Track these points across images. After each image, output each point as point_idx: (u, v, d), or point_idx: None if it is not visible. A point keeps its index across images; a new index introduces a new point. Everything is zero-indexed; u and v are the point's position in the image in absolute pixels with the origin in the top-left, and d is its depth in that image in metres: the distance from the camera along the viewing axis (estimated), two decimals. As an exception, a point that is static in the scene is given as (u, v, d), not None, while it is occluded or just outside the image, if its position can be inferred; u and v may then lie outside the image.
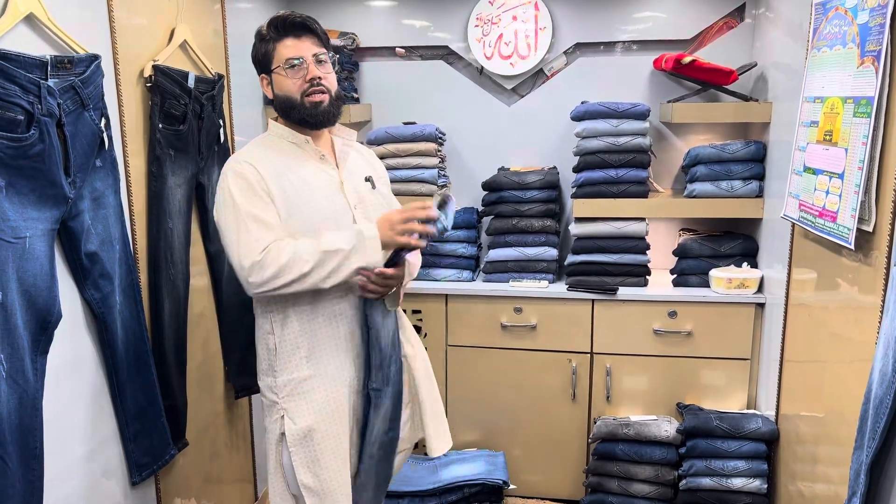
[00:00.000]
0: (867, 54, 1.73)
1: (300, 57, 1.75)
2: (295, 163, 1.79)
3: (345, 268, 1.69)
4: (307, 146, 1.81)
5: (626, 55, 2.97)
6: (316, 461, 1.78)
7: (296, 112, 1.78)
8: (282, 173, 1.76)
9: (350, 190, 1.83)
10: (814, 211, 1.99)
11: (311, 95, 1.76)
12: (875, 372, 1.54)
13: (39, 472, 1.57)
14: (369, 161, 1.97)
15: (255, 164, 1.74)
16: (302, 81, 1.76)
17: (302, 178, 1.77)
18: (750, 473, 2.42)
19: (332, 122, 1.83)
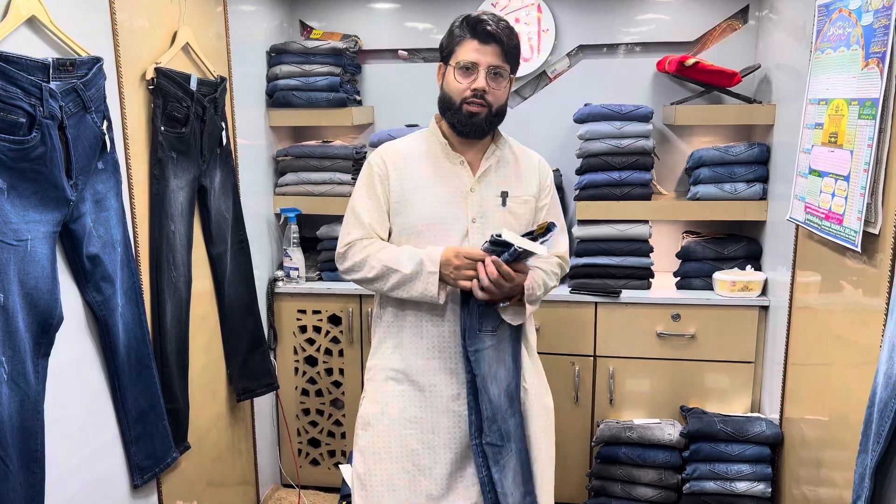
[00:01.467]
0: (872, 56, 1.72)
1: (475, 63, 1.73)
2: (430, 162, 1.82)
3: (404, 290, 1.74)
4: (448, 149, 1.82)
5: (630, 57, 2.96)
6: (370, 451, 1.83)
7: (450, 114, 1.79)
8: (409, 168, 1.81)
9: (475, 202, 1.80)
10: (820, 213, 1.98)
11: (470, 104, 1.74)
12: (880, 375, 1.53)
13: (41, 475, 1.57)
14: (523, 174, 1.87)
15: (388, 155, 1.83)
16: (467, 87, 1.74)
17: (428, 178, 1.80)
18: (754, 477, 2.41)
19: (481, 136, 1.81)
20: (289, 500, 2.96)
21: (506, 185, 1.84)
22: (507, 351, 1.78)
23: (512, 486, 1.77)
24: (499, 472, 1.76)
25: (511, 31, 1.77)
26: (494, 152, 1.85)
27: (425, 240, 1.78)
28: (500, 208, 1.82)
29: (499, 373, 1.76)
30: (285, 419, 2.99)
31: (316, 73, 2.88)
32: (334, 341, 2.92)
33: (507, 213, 1.83)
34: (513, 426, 1.77)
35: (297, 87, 2.89)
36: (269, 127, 2.96)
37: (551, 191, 1.95)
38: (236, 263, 2.53)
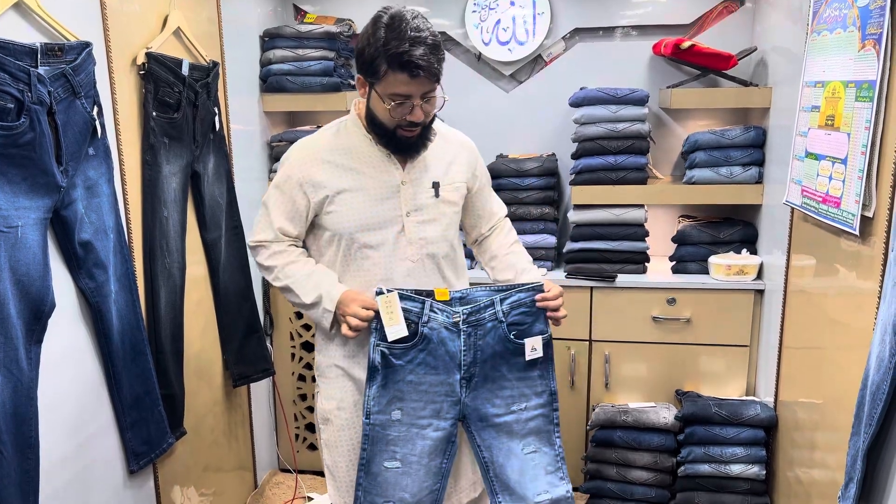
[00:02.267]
0: (868, 37, 1.71)
1: (409, 96, 1.64)
2: (357, 158, 1.76)
3: (303, 311, 1.81)
4: (374, 143, 1.76)
5: (626, 40, 2.94)
6: (333, 445, 1.85)
7: (384, 138, 1.73)
8: (335, 166, 1.74)
9: (408, 196, 1.76)
10: (817, 197, 1.97)
11: (405, 130, 1.70)
12: (872, 358, 1.53)
13: (35, 461, 1.57)
14: (451, 161, 1.84)
15: (310, 154, 1.76)
16: (400, 118, 1.67)
17: (358, 176, 1.74)
18: (748, 460, 2.42)
19: (417, 152, 1.76)
20: (286, 485, 2.97)
21: (437, 175, 1.80)
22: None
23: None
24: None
25: (437, 49, 1.62)
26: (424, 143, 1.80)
27: (359, 240, 1.75)
28: (433, 200, 1.79)
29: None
30: (282, 404, 3.00)
31: (310, 57, 2.86)
32: (330, 327, 2.92)
33: (441, 204, 1.80)
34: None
35: (290, 71, 2.87)
36: (263, 112, 2.94)
37: (483, 172, 1.95)
38: (231, 249, 2.52)
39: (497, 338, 1.76)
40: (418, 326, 1.72)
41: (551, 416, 1.83)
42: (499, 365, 1.77)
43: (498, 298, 1.76)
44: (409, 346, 1.73)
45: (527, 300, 1.77)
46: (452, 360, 1.75)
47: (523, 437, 1.80)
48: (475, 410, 1.78)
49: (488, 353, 1.76)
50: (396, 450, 1.75)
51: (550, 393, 1.82)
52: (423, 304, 1.72)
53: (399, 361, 1.73)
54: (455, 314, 1.74)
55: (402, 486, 1.76)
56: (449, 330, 1.74)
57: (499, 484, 1.80)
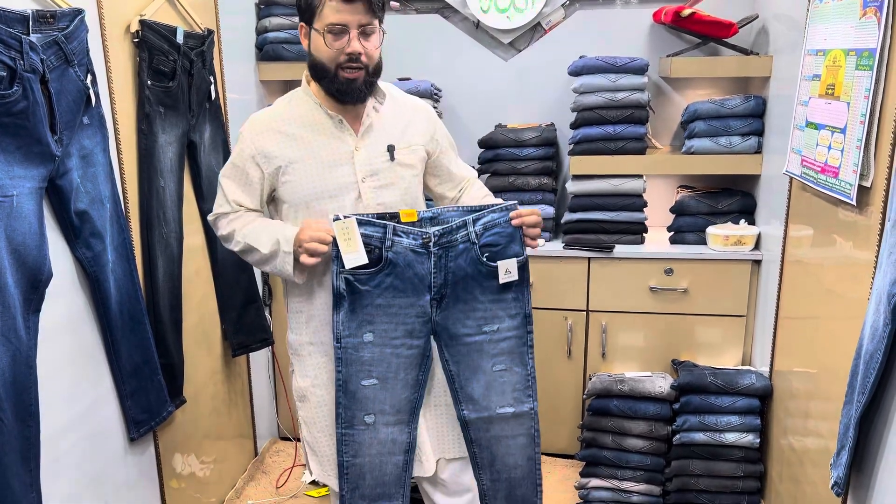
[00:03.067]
0: (869, 5, 1.69)
1: (345, 24, 1.60)
2: (307, 127, 1.73)
3: (266, 267, 1.75)
4: (323, 110, 1.73)
5: (626, 8, 2.91)
6: (312, 422, 1.84)
7: (326, 82, 1.68)
8: (286, 138, 1.72)
9: (362, 161, 1.74)
10: (816, 167, 1.97)
11: (345, 70, 1.64)
12: (866, 327, 1.54)
13: (36, 429, 1.59)
14: (407, 123, 1.82)
15: (261, 127, 1.75)
16: (340, 52, 1.63)
17: (307, 145, 1.72)
18: (743, 428, 2.44)
19: (362, 100, 1.72)
20: (286, 453, 3.01)
21: (392, 138, 1.77)
22: None
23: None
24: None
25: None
26: (374, 106, 1.77)
27: (316, 210, 1.73)
28: (389, 163, 1.76)
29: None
30: (281, 374, 3.02)
31: (306, 25, 2.83)
32: (329, 297, 2.93)
33: (397, 167, 1.78)
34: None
35: (287, 39, 2.83)
36: (259, 81, 2.92)
37: (444, 135, 1.92)
38: (228, 220, 2.51)
39: (469, 260, 1.71)
40: (382, 251, 1.67)
41: (525, 339, 1.80)
42: (471, 287, 1.74)
43: (470, 219, 1.71)
44: (373, 271, 1.68)
45: (500, 220, 1.72)
46: (422, 282, 1.71)
47: (493, 357, 1.78)
48: (445, 329, 1.76)
49: (460, 275, 1.72)
50: (372, 369, 1.73)
51: (525, 315, 1.79)
52: (384, 228, 1.66)
53: (365, 287, 1.69)
54: (425, 236, 1.68)
55: (381, 399, 1.75)
56: (416, 252, 1.69)
57: (462, 395, 1.79)
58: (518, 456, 1.84)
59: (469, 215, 1.71)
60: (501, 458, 1.83)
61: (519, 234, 1.74)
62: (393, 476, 1.79)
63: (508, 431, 1.82)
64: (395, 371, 1.75)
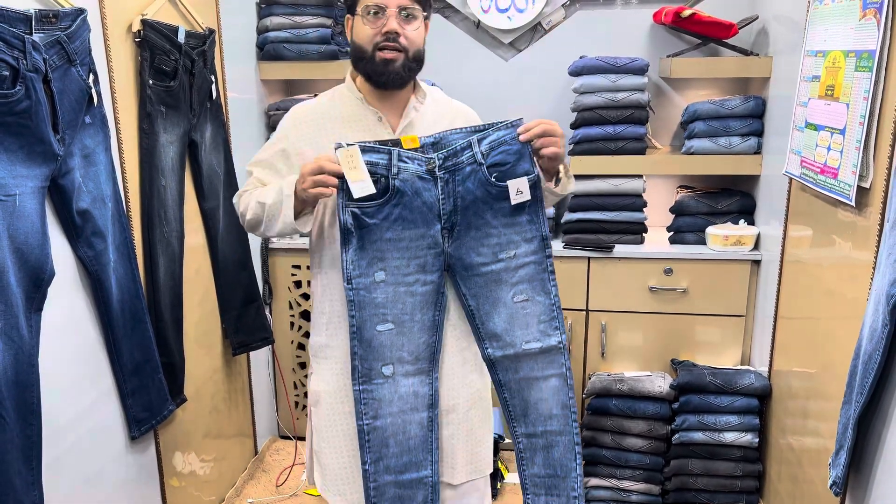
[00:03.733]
0: (869, 6, 1.70)
1: (382, 6, 1.59)
2: (346, 121, 1.70)
3: (274, 224, 1.62)
4: (364, 104, 1.69)
5: (626, 8, 2.91)
6: (321, 431, 1.75)
7: (363, 64, 1.65)
8: (323, 130, 1.69)
9: None
10: (815, 167, 1.97)
11: (382, 50, 1.61)
12: (865, 328, 1.55)
13: (38, 427, 1.60)
14: (446, 122, 1.75)
15: (299, 118, 1.72)
16: (377, 33, 1.60)
17: (343, 139, 1.65)
18: (742, 428, 2.45)
19: (400, 85, 1.67)
20: (286, 451, 3.01)
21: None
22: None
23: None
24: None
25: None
26: (414, 106, 1.72)
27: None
28: None
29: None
30: (281, 373, 3.03)
31: (307, 24, 2.83)
32: (329, 296, 2.94)
33: None
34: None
35: (287, 39, 2.84)
36: (260, 80, 2.92)
37: None
38: (229, 219, 2.52)
39: (477, 182, 1.60)
40: (388, 180, 1.57)
41: (544, 263, 1.68)
42: (482, 211, 1.62)
43: (475, 139, 1.60)
44: (381, 202, 1.58)
45: (507, 137, 1.60)
46: (430, 210, 1.61)
47: (513, 286, 1.67)
48: (459, 260, 1.65)
49: (469, 199, 1.61)
50: (386, 312, 1.63)
51: (542, 238, 1.66)
52: (389, 154, 1.56)
53: (373, 220, 1.59)
54: (429, 161, 1.58)
55: (399, 345, 1.66)
56: (423, 179, 1.59)
57: (485, 331, 1.69)
58: (552, 402, 1.71)
59: (473, 135, 1.60)
60: (534, 406, 1.71)
61: (528, 151, 1.61)
62: (419, 439, 1.69)
63: (538, 371, 1.70)
64: (412, 312, 1.65)
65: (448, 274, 1.68)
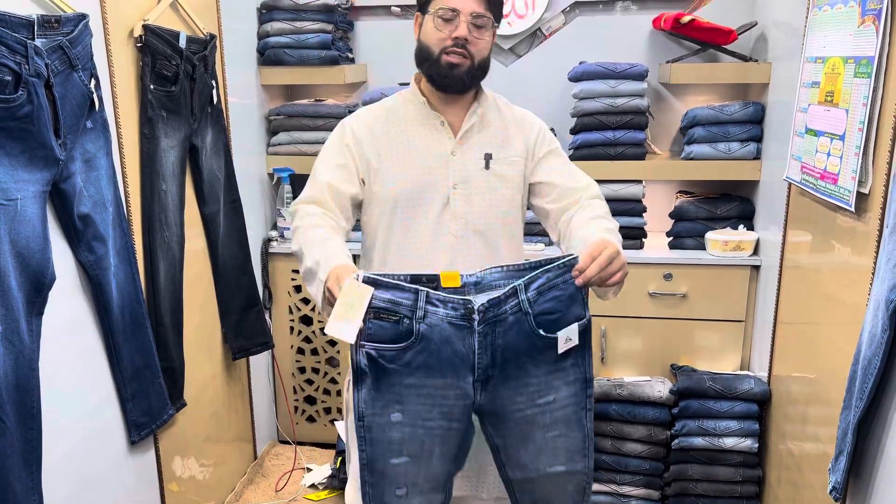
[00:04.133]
0: (868, 13, 1.70)
1: (455, 10, 1.57)
2: (407, 125, 1.69)
3: (309, 285, 1.56)
4: (426, 107, 1.68)
5: (625, 14, 2.92)
6: (351, 437, 1.66)
7: (428, 66, 1.64)
8: (385, 133, 1.68)
9: (456, 166, 1.66)
10: (815, 173, 1.98)
11: (449, 55, 1.60)
12: (865, 333, 1.55)
13: (38, 431, 1.60)
14: (512, 133, 1.72)
15: (363, 118, 1.71)
16: (446, 37, 1.59)
17: (404, 142, 1.67)
18: (741, 433, 2.45)
19: (463, 91, 1.66)
20: (286, 456, 3.01)
21: (490, 147, 1.70)
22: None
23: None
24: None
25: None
26: (477, 111, 1.71)
27: (402, 210, 1.66)
28: (482, 171, 1.68)
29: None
30: (281, 377, 3.03)
31: (307, 30, 2.84)
32: (329, 301, 2.94)
33: (491, 177, 1.68)
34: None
35: (288, 44, 2.85)
36: (261, 85, 2.93)
37: (545, 141, 1.77)
38: (229, 223, 2.52)
39: (522, 333, 1.43)
40: (413, 323, 1.39)
41: (584, 403, 1.53)
42: (523, 363, 1.46)
43: (521, 284, 1.41)
44: (401, 346, 1.40)
45: (559, 281, 1.43)
46: (463, 362, 1.43)
47: (547, 426, 1.53)
48: (492, 409, 1.51)
49: (510, 352, 1.44)
50: (402, 448, 1.48)
51: (585, 381, 1.51)
52: (416, 295, 1.38)
53: (391, 365, 1.41)
54: (468, 305, 1.40)
55: (414, 473, 1.50)
56: (456, 326, 1.41)
57: (508, 461, 1.56)
58: (563, 498, 1.60)
59: (519, 279, 1.42)
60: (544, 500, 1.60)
61: (582, 294, 1.45)
62: None
63: (555, 485, 1.58)
64: (430, 448, 1.49)
65: (475, 414, 1.53)
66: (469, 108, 1.71)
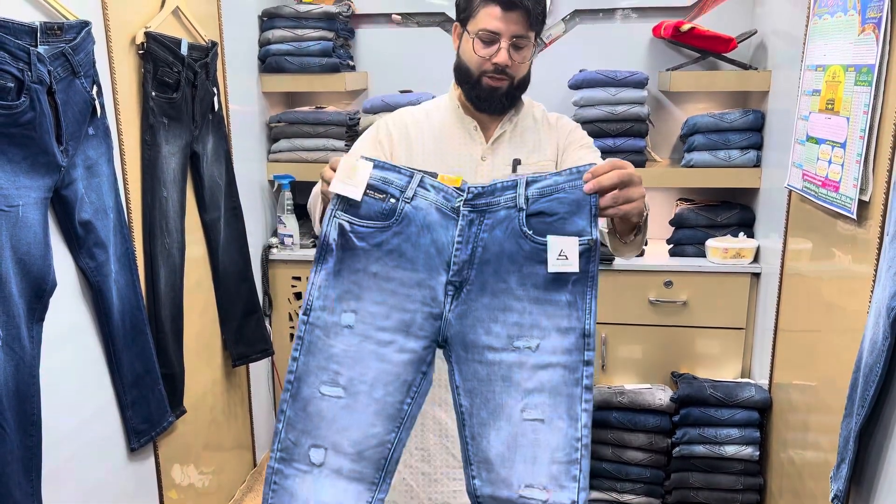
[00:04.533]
0: (868, 21, 1.71)
1: (497, 33, 1.52)
2: (440, 129, 1.67)
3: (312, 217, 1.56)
4: (460, 112, 1.66)
5: (626, 22, 2.93)
6: None
7: (468, 88, 1.61)
8: (419, 136, 1.65)
9: (485, 172, 1.63)
10: (817, 181, 1.98)
11: (490, 78, 1.57)
12: (866, 340, 1.55)
13: (38, 438, 1.59)
14: (545, 138, 1.69)
15: (398, 120, 1.68)
16: (486, 60, 1.55)
17: (435, 146, 1.64)
18: (742, 441, 2.45)
19: (502, 111, 1.64)
20: (285, 464, 3.00)
21: (520, 153, 1.65)
22: None
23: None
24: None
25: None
26: (511, 118, 1.67)
27: None
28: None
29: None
30: (281, 384, 3.02)
31: (308, 37, 2.85)
32: (329, 308, 2.93)
33: None
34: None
35: (289, 52, 2.86)
36: (262, 93, 2.94)
37: (576, 138, 1.70)
38: (230, 230, 2.52)
39: (509, 233, 1.23)
40: (398, 203, 1.25)
41: (580, 372, 1.22)
42: (505, 272, 1.24)
43: (524, 180, 1.23)
44: (381, 225, 1.25)
45: (566, 184, 1.21)
46: (439, 253, 1.25)
47: (527, 394, 1.24)
48: (460, 333, 1.26)
49: (493, 251, 1.24)
50: (340, 370, 1.27)
51: (584, 334, 1.22)
52: (410, 177, 1.27)
53: (362, 243, 1.25)
54: (459, 196, 1.26)
55: (341, 425, 1.26)
56: (442, 213, 1.26)
57: (473, 449, 1.27)
58: None
59: (524, 177, 1.25)
60: None
61: (590, 206, 1.20)
62: None
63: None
64: (372, 384, 1.27)
65: (442, 352, 1.31)
66: (505, 114, 1.68)
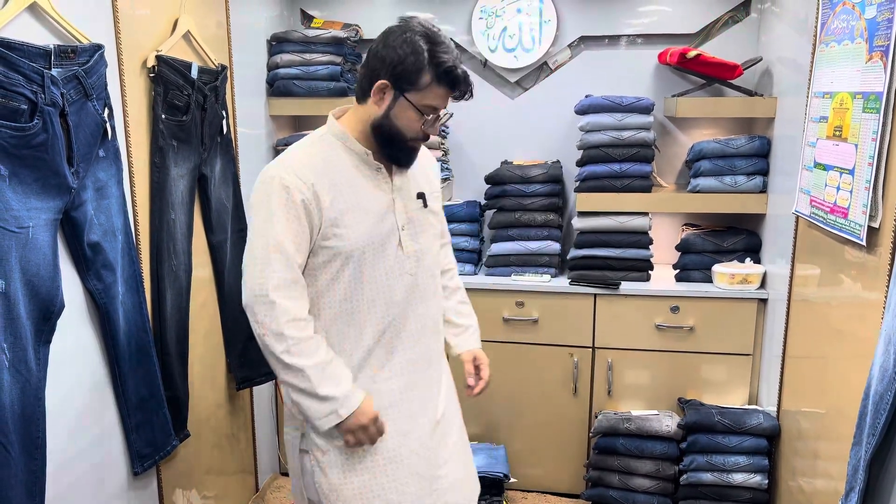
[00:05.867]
0: (875, 49, 1.72)
1: (437, 110, 1.62)
2: (350, 174, 1.63)
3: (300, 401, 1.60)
4: (369, 158, 1.64)
5: (631, 49, 2.96)
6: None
7: (392, 147, 1.64)
8: (337, 185, 1.60)
9: (400, 209, 1.68)
10: (825, 207, 1.98)
11: (416, 141, 1.65)
12: (875, 368, 1.54)
13: (42, 462, 1.58)
14: (425, 171, 1.80)
15: (308, 173, 1.57)
16: (422, 129, 1.62)
17: (356, 194, 1.63)
18: (751, 469, 2.42)
19: (409, 165, 1.71)
20: (287, 489, 2.97)
21: (418, 185, 1.74)
22: None
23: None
24: None
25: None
26: None
27: (364, 261, 1.62)
28: (422, 210, 1.73)
29: None
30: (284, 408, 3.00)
31: (317, 62, 2.88)
32: (334, 331, 2.92)
33: (429, 214, 1.74)
34: None
35: (297, 76, 2.88)
36: (270, 116, 2.96)
37: (438, 178, 1.88)
38: (236, 252, 2.53)
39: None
40: None
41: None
42: None
43: None
44: None
45: None
46: None
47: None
48: None
49: None
50: None
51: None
52: None
53: None
54: None
55: None
56: None
57: None
58: None
59: None
60: None
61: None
62: None
63: None
64: None
65: None
66: None
